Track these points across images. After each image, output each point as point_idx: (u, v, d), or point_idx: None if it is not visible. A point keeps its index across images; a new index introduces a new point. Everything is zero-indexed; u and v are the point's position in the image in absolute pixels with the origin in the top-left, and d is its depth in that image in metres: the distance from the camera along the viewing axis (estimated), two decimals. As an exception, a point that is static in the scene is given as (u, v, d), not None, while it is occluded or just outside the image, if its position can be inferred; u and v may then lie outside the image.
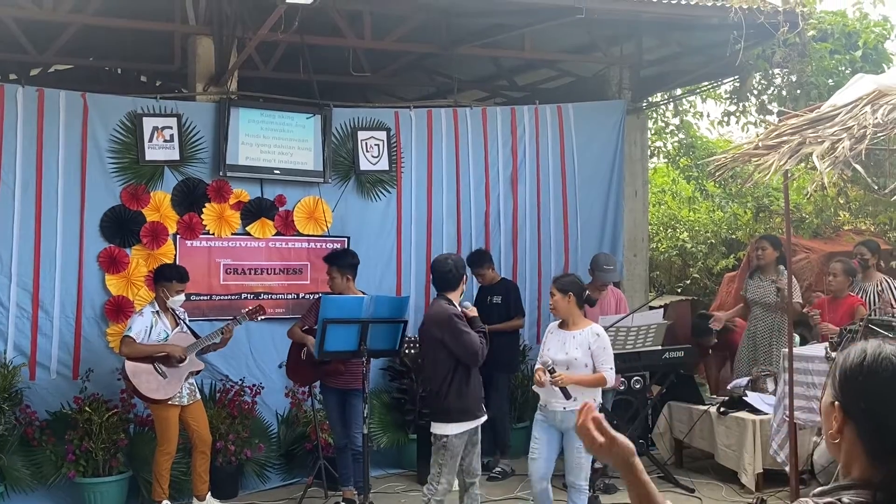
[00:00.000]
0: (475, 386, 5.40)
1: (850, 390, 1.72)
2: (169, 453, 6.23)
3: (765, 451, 6.67)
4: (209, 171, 7.25)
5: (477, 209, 8.29)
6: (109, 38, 8.46)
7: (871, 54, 7.97)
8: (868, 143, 4.90)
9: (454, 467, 5.34)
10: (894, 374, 1.68)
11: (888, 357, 1.70)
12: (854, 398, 1.71)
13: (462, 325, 5.29)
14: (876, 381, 1.69)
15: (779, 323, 7.66)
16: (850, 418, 1.71)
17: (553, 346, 5.52)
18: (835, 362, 1.79)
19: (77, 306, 6.81)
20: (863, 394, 1.70)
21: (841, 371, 1.74)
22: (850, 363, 1.73)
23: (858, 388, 1.70)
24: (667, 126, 11.80)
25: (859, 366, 1.72)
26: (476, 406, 5.40)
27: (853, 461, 1.72)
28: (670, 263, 12.65)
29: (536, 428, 5.54)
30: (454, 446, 5.28)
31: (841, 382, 1.74)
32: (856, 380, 1.71)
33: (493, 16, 8.00)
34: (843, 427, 1.72)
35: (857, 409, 1.70)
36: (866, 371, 1.70)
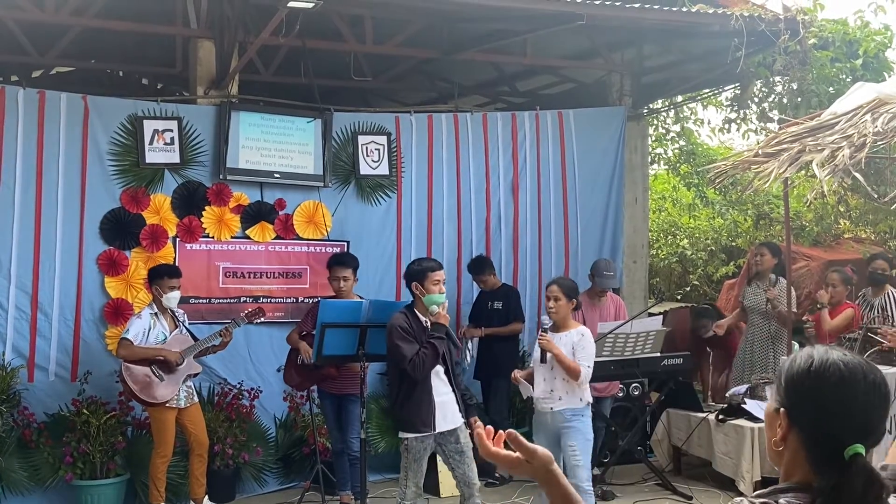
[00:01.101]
0: (420, 400, 5.16)
1: (797, 396, 1.67)
2: (165, 456, 6.22)
3: (763, 459, 6.65)
4: (209, 174, 7.25)
5: (477, 214, 8.29)
6: (111, 40, 8.48)
7: (871, 63, 7.97)
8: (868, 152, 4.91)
9: (419, 471, 5.24)
10: (841, 380, 1.63)
11: (835, 363, 1.65)
12: (800, 404, 1.66)
13: (399, 337, 5.12)
14: (822, 387, 1.64)
15: (775, 330, 7.66)
16: (795, 425, 1.67)
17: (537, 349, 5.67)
18: (780, 368, 1.75)
19: (76, 308, 6.81)
20: (809, 400, 1.65)
21: (787, 376, 1.70)
22: (797, 368, 1.69)
23: (804, 394, 1.66)
24: (667, 133, 11.80)
25: (806, 371, 1.67)
26: (419, 420, 5.15)
27: (795, 468, 1.68)
28: (670, 270, 12.65)
29: (535, 432, 5.64)
30: (414, 450, 5.20)
31: (787, 388, 1.69)
32: (802, 385, 1.67)
33: (494, 21, 8.01)
34: (788, 434, 1.68)
35: (803, 415, 1.66)
36: (813, 377, 1.66)
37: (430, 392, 5.19)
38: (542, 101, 9.37)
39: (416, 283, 5.27)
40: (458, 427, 5.31)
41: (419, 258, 6.16)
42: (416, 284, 5.26)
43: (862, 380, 1.64)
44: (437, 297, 5.23)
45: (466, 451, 5.28)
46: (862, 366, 1.66)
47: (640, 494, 6.97)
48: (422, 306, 5.27)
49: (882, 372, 1.69)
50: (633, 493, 6.97)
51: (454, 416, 5.30)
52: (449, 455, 5.31)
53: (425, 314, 5.26)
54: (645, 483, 7.27)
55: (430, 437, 5.23)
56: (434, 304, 5.22)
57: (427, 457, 5.31)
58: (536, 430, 5.69)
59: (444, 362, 5.32)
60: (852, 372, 1.65)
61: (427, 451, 5.27)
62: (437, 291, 5.23)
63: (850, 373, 1.64)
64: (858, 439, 1.60)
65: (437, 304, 5.22)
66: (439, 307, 5.22)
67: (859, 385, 1.64)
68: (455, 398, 5.35)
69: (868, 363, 1.68)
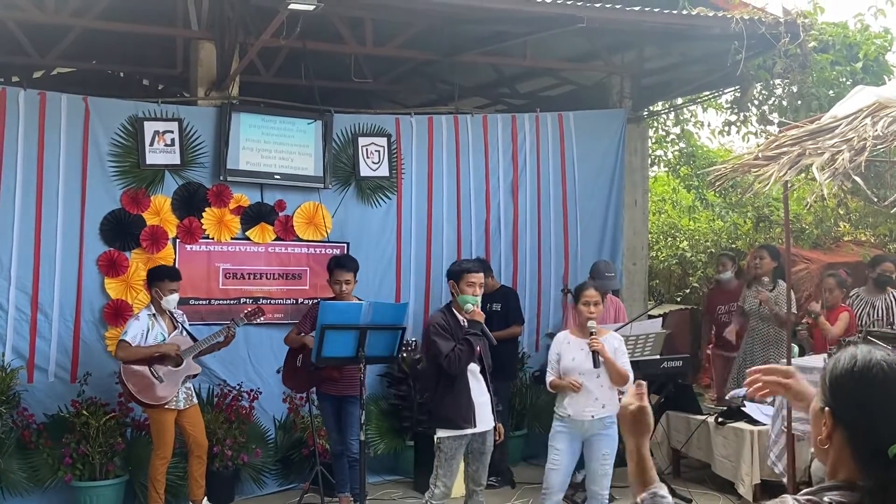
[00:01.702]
0: (459, 396, 5.31)
1: (841, 396, 1.71)
2: (165, 457, 6.22)
3: (762, 462, 6.65)
4: (210, 175, 7.26)
5: (477, 216, 8.30)
6: (112, 41, 8.49)
7: (871, 66, 7.98)
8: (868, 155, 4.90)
9: (450, 471, 5.33)
10: (885, 379, 1.68)
11: (879, 363, 1.69)
12: (844, 403, 1.71)
13: (436, 333, 5.32)
14: (867, 386, 1.68)
15: (774, 334, 7.68)
16: (840, 424, 1.71)
17: (578, 356, 5.51)
18: (825, 368, 1.78)
19: (76, 309, 6.81)
20: (853, 399, 1.69)
21: (831, 376, 1.74)
22: (841, 369, 1.73)
23: (849, 393, 1.70)
24: (667, 135, 11.82)
25: (850, 371, 1.71)
26: (460, 416, 5.30)
27: (840, 466, 1.72)
28: (670, 272, 12.65)
29: (558, 439, 5.51)
30: (448, 448, 5.31)
31: (831, 388, 1.73)
32: (846, 385, 1.71)
33: (494, 24, 8.01)
34: (833, 433, 1.72)
35: (848, 414, 1.70)
36: (857, 376, 1.70)
37: (468, 390, 5.34)
38: (543, 104, 9.37)
39: (452, 281, 5.49)
40: (489, 430, 5.45)
41: (464, 259, 6.61)
42: (453, 283, 5.49)
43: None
44: (469, 298, 5.43)
45: (487, 452, 5.46)
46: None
47: (640, 497, 6.96)
48: (458, 304, 5.46)
49: None
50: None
51: (489, 417, 5.45)
52: (472, 452, 5.43)
53: (462, 312, 5.42)
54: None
55: (466, 437, 5.33)
56: (464, 304, 5.41)
57: (460, 457, 5.38)
58: (558, 436, 5.51)
59: (481, 362, 5.46)
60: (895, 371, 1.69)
61: (460, 450, 5.36)
62: (471, 293, 5.42)
63: (893, 373, 1.69)
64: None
65: (467, 303, 5.41)
66: (473, 306, 5.38)
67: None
68: (490, 399, 5.47)
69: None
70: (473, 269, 5.53)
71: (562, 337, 5.68)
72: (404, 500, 7.09)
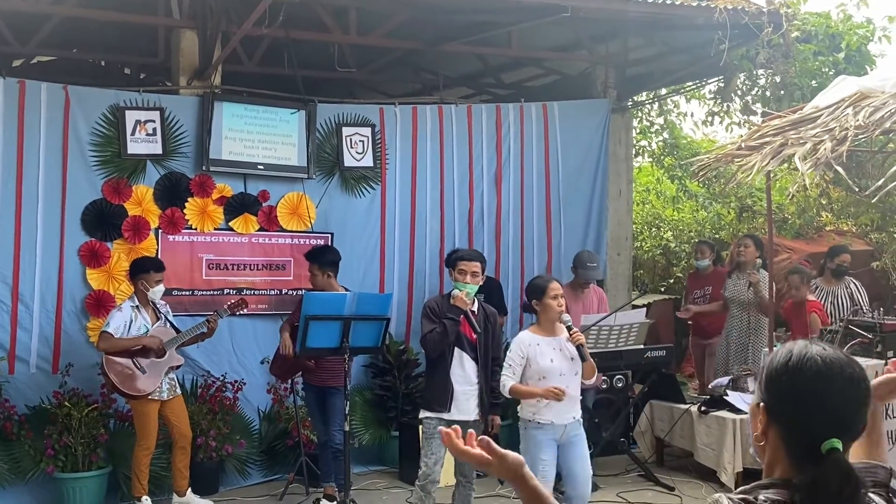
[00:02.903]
0: (438, 379, 5.45)
1: (775, 391, 1.67)
2: (148, 448, 6.19)
3: (744, 450, 6.71)
4: (192, 165, 7.21)
5: (461, 206, 8.29)
6: (92, 29, 8.40)
7: (854, 56, 8.02)
8: (850, 145, 4.93)
9: (430, 450, 5.37)
10: (818, 374, 1.63)
11: (813, 357, 1.65)
12: (778, 399, 1.67)
13: (424, 315, 5.52)
14: (800, 381, 1.64)
15: (755, 322, 7.74)
16: (774, 420, 1.68)
17: (555, 356, 5.09)
18: (763, 363, 1.75)
19: (57, 300, 6.76)
20: (787, 394, 1.66)
21: (767, 371, 1.70)
22: (776, 363, 1.69)
23: (782, 388, 1.66)
24: (651, 125, 11.84)
25: (784, 366, 1.67)
26: (436, 399, 5.43)
27: (776, 463, 1.68)
28: (654, 262, 12.70)
29: (541, 449, 5.05)
30: (427, 427, 5.43)
31: (766, 383, 1.70)
32: (780, 380, 1.67)
33: (479, 13, 7.99)
34: (767, 429, 1.69)
35: (781, 410, 1.66)
36: (791, 371, 1.66)
37: (447, 375, 5.42)
38: (527, 93, 9.36)
39: (450, 269, 5.71)
40: (474, 421, 5.41)
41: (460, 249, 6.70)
42: (451, 271, 5.68)
43: (839, 374, 1.64)
44: (460, 285, 5.51)
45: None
46: (840, 360, 1.66)
47: (624, 486, 7.01)
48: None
49: (862, 366, 1.68)
50: (617, 485, 7.01)
51: (471, 408, 5.45)
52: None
53: (458, 301, 5.47)
54: (628, 474, 7.30)
55: (443, 421, 5.31)
56: (454, 290, 5.51)
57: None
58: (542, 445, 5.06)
59: (474, 351, 5.47)
60: (829, 366, 1.64)
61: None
62: (462, 280, 5.50)
63: (827, 367, 1.64)
64: (836, 434, 1.60)
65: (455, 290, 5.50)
66: (462, 293, 5.44)
67: (836, 379, 1.63)
68: (480, 392, 5.43)
69: (848, 357, 1.67)
70: (466, 256, 5.63)
71: (527, 337, 5.13)
72: (389, 490, 7.09)
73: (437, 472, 5.40)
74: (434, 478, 5.39)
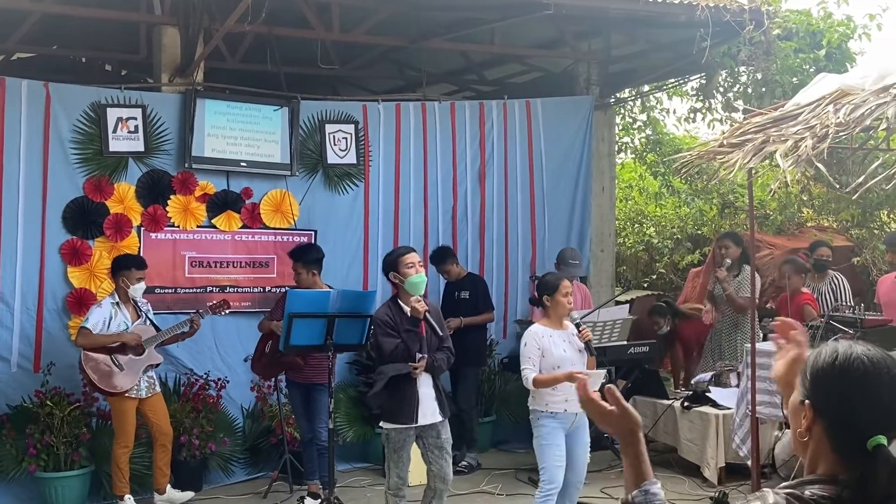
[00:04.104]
0: (401, 390, 5.21)
1: (821, 389, 1.73)
2: (126, 446, 6.17)
3: (727, 446, 6.75)
4: (174, 162, 7.18)
5: (444, 203, 8.29)
6: (73, 26, 8.34)
7: (834, 53, 8.08)
8: (830, 142, 4.97)
9: (400, 461, 5.27)
10: (865, 373, 1.70)
11: (859, 357, 1.71)
12: (824, 396, 1.72)
13: (380, 331, 5.26)
14: (847, 379, 1.70)
15: (739, 318, 7.78)
16: (820, 417, 1.73)
17: (567, 347, 5.29)
18: (805, 361, 1.81)
19: (38, 298, 6.72)
20: (834, 392, 1.71)
21: (812, 370, 1.76)
22: (822, 362, 1.75)
23: (829, 386, 1.72)
24: (634, 122, 11.86)
25: (831, 365, 1.73)
26: (401, 411, 5.20)
27: (819, 459, 1.74)
28: (637, 258, 12.74)
29: (556, 436, 5.23)
30: (395, 440, 5.25)
31: (812, 381, 1.75)
32: (827, 378, 1.73)
33: (461, 10, 7.99)
34: (812, 425, 1.74)
35: (828, 407, 1.72)
36: (838, 370, 1.72)
37: (413, 384, 5.23)
38: (510, 90, 9.37)
39: (392, 272, 5.35)
40: (440, 422, 5.34)
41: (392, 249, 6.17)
42: (394, 273, 5.34)
43: (885, 373, 1.70)
44: (416, 277, 5.29)
45: (446, 446, 5.34)
46: (885, 360, 1.73)
47: (607, 481, 7.04)
48: (404, 296, 5.32)
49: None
50: (600, 481, 7.04)
51: (435, 411, 5.32)
52: (429, 448, 5.32)
53: (408, 304, 5.30)
54: (612, 469, 7.33)
55: (411, 429, 5.25)
56: (415, 287, 5.27)
57: (409, 448, 5.32)
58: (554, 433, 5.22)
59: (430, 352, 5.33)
60: (876, 366, 1.71)
61: (408, 442, 5.28)
62: (415, 273, 5.28)
63: (874, 367, 1.71)
64: (881, 431, 1.66)
65: (417, 284, 5.27)
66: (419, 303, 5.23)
67: (883, 378, 1.70)
68: (437, 393, 5.36)
69: (891, 358, 1.74)
70: (405, 251, 5.44)
71: (539, 330, 5.33)
72: (373, 486, 7.08)
73: (407, 478, 5.35)
74: (406, 482, 5.34)
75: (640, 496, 1.89)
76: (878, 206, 9.86)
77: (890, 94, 4.97)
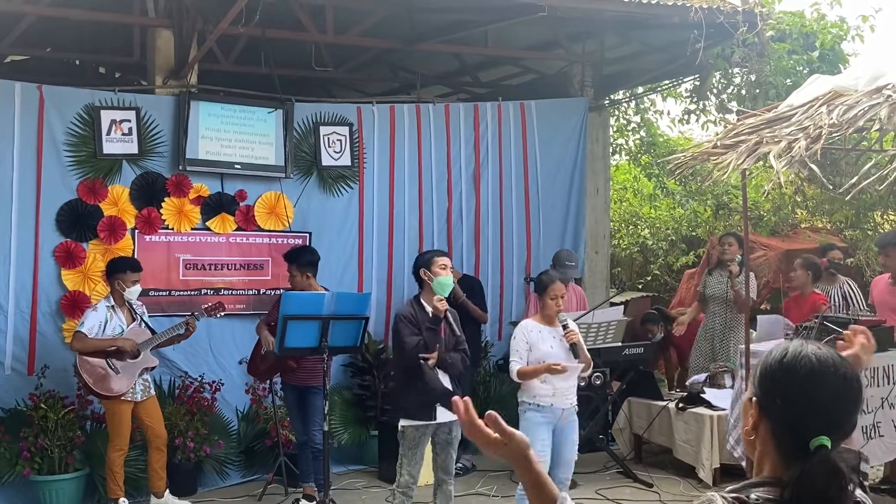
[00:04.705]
0: (422, 388, 5.32)
1: (768, 386, 1.70)
2: (121, 449, 6.16)
3: (722, 447, 6.76)
4: (168, 165, 7.17)
5: (439, 205, 8.29)
6: (67, 28, 8.32)
7: (827, 55, 8.10)
8: (823, 143, 4.98)
9: (414, 459, 5.36)
10: (811, 372, 1.66)
11: (807, 355, 1.68)
12: (770, 395, 1.69)
13: (403, 326, 5.38)
14: (792, 378, 1.67)
15: (733, 319, 7.78)
16: (765, 415, 1.70)
17: (555, 344, 5.37)
18: (759, 360, 1.79)
19: (32, 301, 6.70)
20: (778, 390, 1.68)
21: (762, 367, 1.73)
22: (771, 360, 1.72)
23: (775, 384, 1.69)
24: (628, 124, 11.90)
25: (779, 362, 1.70)
26: (421, 408, 5.31)
27: (765, 459, 1.71)
28: (631, 260, 12.76)
29: (541, 431, 5.28)
30: (411, 438, 5.34)
31: (760, 378, 1.73)
32: (773, 376, 1.70)
33: (455, 12, 8.00)
34: (758, 424, 1.71)
35: (773, 405, 1.69)
36: (784, 368, 1.69)
37: (431, 382, 5.35)
38: (504, 92, 9.38)
39: (423, 269, 5.49)
40: (454, 421, 5.39)
41: (427, 250, 6.55)
42: (424, 270, 5.49)
43: (832, 373, 1.67)
44: (445, 279, 5.48)
45: (454, 442, 5.50)
46: (834, 360, 1.69)
47: (602, 482, 7.04)
48: (427, 295, 5.47)
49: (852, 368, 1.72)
50: (595, 482, 7.04)
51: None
52: (437, 442, 5.47)
53: (431, 303, 5.44)
54: (607, 471, 7.34)
55: (429, 427, 5.35)
56: (442, 286, 5.45)
57: (424, 446, 5.42)
58: (540, 427, 5.28)
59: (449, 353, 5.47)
60: (823, 365, 1.68)
61: (424, 439, 5.39)
62: (445, 275, 5.47)
63: (820, 366, 1.67)
64: (825, 432, 1.63)
65: (445, 285, 5.46)
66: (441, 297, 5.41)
67: (829, 378, 1.66)
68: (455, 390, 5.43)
69: (842, 357, 1.71)
70: (440, 253, 5.67)
71: (530, 325, 5.46)
72: (368, 489, 7.09)
73: (418, 477, 5.43)
74: (416, 482, 5.42)
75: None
76: (872, 206, 9.89)
77: (882, 96, 4.99)
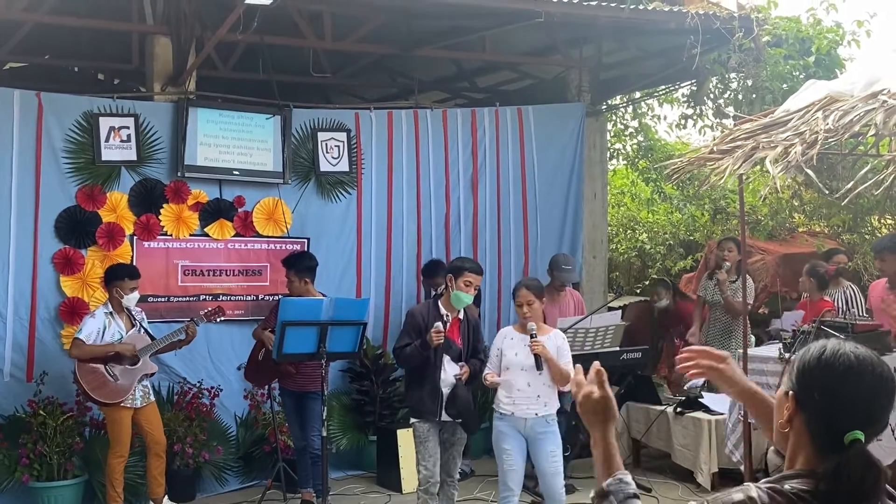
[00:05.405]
0: (424, 387, 5.48)
1: (806, 382, 1.78)
2: (122, 456, 6.16)
3: (720, 451, 6.77)
4: (167, 171, 7.18)
5: (437, 211, 8.30)
6: (65, 36, 8.34)
7: (823, 60, 8.12)
8: (820, 148, 4.99)
9: (426, 453, 5.47)
10: (849, 369, 1.74)
11: (846, 353, 1.76)
12: (808, 389, 1.77)
13: (406, 322, 5.54)
14: (831, 374, 1.75)
15: (732, 323, 7.79)
16: (802, 409, 1.77)
17: (521, 351, 5.38)
18: (796, 356, 1.85)
19: (31, 308, 6.70)
20: (817, 386, 1.75)
21: (800, 363, 1.81)
22: (810, 356, 1.80)
23: (814, 380, 1.77)
24: (626, 128, 11.90)
25: (818, 359, 1.78)
26: (424, 407, 5.47)
27: (799, 452, 1.78)
28: (629, 264, 12.77)
29: (504, 440, 5.38)
30: (420, 432, 5.49)
31: (798, 374, 1.80)
32: (812, 372, 1.77)
33: (453, 18, 8.02)
34: (794, 417, 1.78)
35: (810, 400, 1.76)
36: (823, 364, 1.76)
37: (436, 382, 5.46)
38: (502, 97, 9.40)
39: (451, 275, 5.53)
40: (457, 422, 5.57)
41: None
42: (451, 277, 5.53)
43: (870, 371, 1.75)
44: (464, 296, 5.50)
45: (457, 444, 5.62)
46: (871, 358, 1.77)
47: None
48: (446, 301, 5.55)
49: (890, 367, 1.79)
50: (593, 486, 7.03)
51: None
52: (444, 440, 5.58)
53: (448, 308, 5.52)
54: (605, 475, 7.33)
55: (434, 423, 5.48)
56: (458, 300, 5.48)
57: (433, 441, 5.50)
58: (504, 437, 5.38)
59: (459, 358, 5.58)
60: (861, 363, 1.75)
61: (431, 434, 5.48)
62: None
63: (859, 364, 1.75)
64: (860, 427, 1.70)
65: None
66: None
67: (866, 376, 1.74)
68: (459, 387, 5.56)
69: (878, 358, 1.78)
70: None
71: (505, 332, 5.57)
72: (367, 494, 7.09)
73: (436, 472, 5.49)
74: (435, 479, 5.48)
75: (615, 484, 1.95)
76: (869, 211, 9.90)
77: (878, 101, 5.01)
